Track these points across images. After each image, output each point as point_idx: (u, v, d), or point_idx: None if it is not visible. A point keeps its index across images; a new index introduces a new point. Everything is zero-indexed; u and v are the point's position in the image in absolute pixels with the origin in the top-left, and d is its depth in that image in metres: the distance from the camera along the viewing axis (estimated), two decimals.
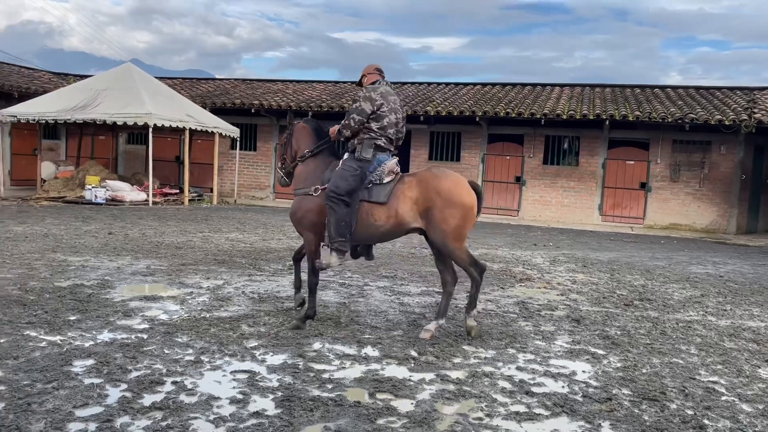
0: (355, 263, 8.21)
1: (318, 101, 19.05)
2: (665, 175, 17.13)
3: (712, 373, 4.30)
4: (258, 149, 20.46)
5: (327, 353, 4.30)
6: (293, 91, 21.03)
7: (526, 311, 5.95)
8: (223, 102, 19.59)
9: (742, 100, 17.39)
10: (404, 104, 18.08)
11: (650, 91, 19.40)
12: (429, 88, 21.49)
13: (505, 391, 3.76)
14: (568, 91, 19.94)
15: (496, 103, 18.11)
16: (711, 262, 10.50)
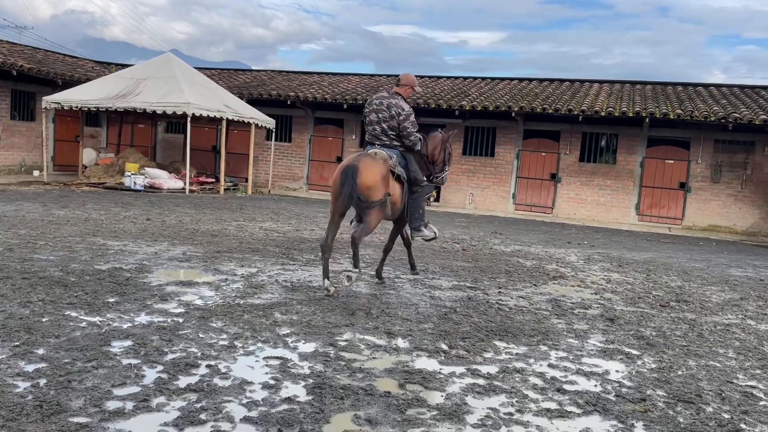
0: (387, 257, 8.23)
1: (353, 94, 19.10)
2: (706, 176, 16.72)
3: (750, 377, 4.20)
4: (293, 140, 20.62)
5: (358, 343, 4.33)
6: (329, 84, 21.12)
7: (559, 309, 5.89)
8: (259, 93, 19.78)
9: None
10: (439, 98, 18.07)
11: (692, 89, 18.93)
12: (465, 82, 21.34)
13: (537, 388, 3.73)
14: (607, 88, 19.59)
15: (533, 99, 17.90)
16: (751, 266, 10.22)
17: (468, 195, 18.84)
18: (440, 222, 13.80)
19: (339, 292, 5.78)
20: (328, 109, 19.81)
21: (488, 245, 10.30)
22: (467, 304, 5.75)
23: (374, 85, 20.81)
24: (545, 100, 17.63)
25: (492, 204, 18.57)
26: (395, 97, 6.23)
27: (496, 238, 11.42)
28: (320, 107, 19.88)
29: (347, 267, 6.40)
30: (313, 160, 20.39)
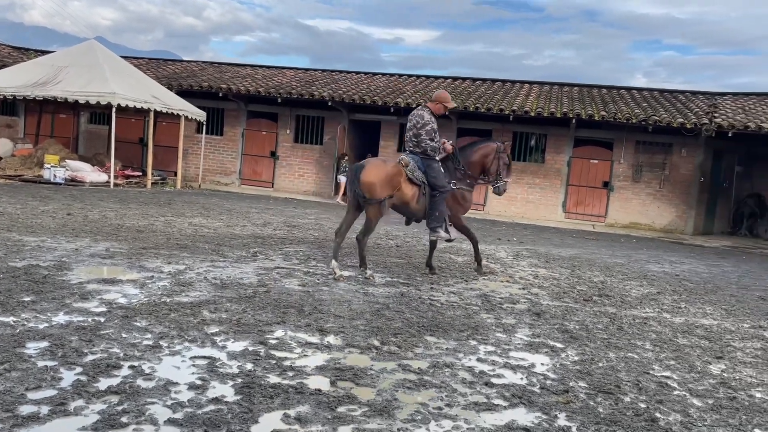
0: (321, 253, 8.19)
1: (288, 87, 18.87)
2: (627, 175, 17.51)
3: (665, 368, 4.42)
4: (225, 134, 20.17)
5: (289, 341, 4.28)
6: (262, 77, 20.77)
7: (488, 304, 6.02)
8: (189, 84, 19.24)
9: (704, 104, 17.86)
10: (375, 95, 18.11)
11: (616, 92, 19.76)
12: (400, 80, 21.47)
13: (465, 382, 3.80)
14: (537, 89, 20.18)
15: (466, 98, 18.22)
16: (668, 261, 10.79)
17: None
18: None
19: (342, 277, 6.53)
20: (261, 103, 19.48)
21: (422, 242, 10.41)
22: (400, 300, 5.79)
23: (309, 79, 20.63)
24: (478, 100, 17.98)
25: None
26: (423, 109, 6.99)
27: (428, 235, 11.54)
28: (253, 100, 19.52)
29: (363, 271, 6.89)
30: (246, 154, 20.01)
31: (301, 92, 18.38)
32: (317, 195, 19.23)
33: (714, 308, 6.77)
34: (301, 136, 19.76)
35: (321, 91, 18.38)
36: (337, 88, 19.02)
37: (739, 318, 6.36)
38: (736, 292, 8.04)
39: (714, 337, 5.44)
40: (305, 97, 18.21)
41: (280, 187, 19.66)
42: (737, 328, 5.89)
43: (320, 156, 19.49)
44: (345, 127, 18.95)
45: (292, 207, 14.74)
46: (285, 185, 19.70)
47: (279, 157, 19.76)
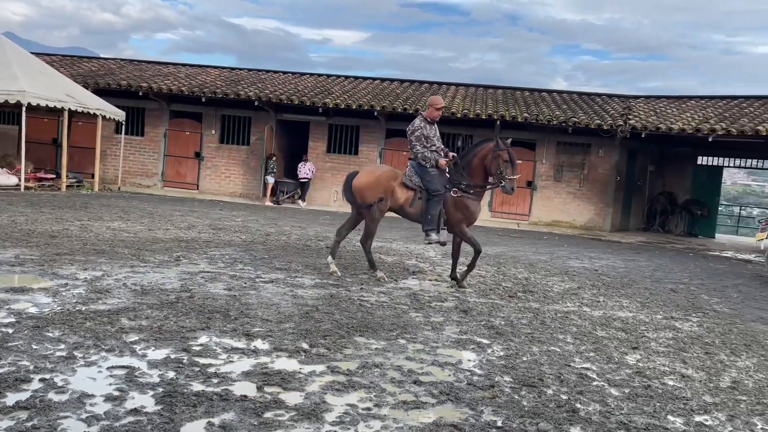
0: (249, 256, 8.02)
1: (212, 87, 18.39)
2: (549, 175, 18.13)
3: (585, 360, 4.59)
4: (146, 134, 19.44)
5: (214, 347, 4.16)
6: (185, 75, 20.15)
7: (417, 303, 6.07)
8: (107, 83, 18.42)
9: (619, 107, 18.73)
10: (303, 95, 17.95)
11: (538, 95, 20.42)
12: (328, 80, 21.36)
13: (394, 381, 3.81)
14: (463, 91, 20.57)
15: (394, 99, 18.35)
16: (588, 257, 11.24)
17: (333, 193, 18.91)
18: (304, 220, 13.73)
19: (337, 273, 6.98)
20: (185, 102, 18.90)
21: (351, 242, 10.38)
22: (329, 302, 5.74)
23: (235, 78, 20.20)
24: (406, 101, 18.15)
25: None
26: (418, 116, 7.15)
27: (359, 236, 11.53)
28: (176, 100, 18.91)
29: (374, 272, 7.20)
30: (169, 155, 19.35)
31: (226, 91, 17.96)
32: (245, 197, 18.86)
33: (630, 301, 7.11)
34: (227, 137, 19.31)
35: (247, 91, 18.03)
36: (264, 88, 18.72)
37: (652, 310, 6.70)
38: (650, 285, 8.47)
39: (630, 328, 5.70)
40: (230, 97, 17.81)
41: (206, 189, 19.15)
42: (651, 319, 6.21)
43: (247, 157, 19.12)
44: (272, 127, 18.67)
45: (218, 209, 14.38)
46: (211, 187, 19.20)
47: (204, 158, 19.24)
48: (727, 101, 18.42)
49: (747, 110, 16.93)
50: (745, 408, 3.83)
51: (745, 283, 9.61)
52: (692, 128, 15.80)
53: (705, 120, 16.31)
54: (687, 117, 16.82)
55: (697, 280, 9.37)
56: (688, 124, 16.03)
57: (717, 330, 5.91)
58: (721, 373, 4.52)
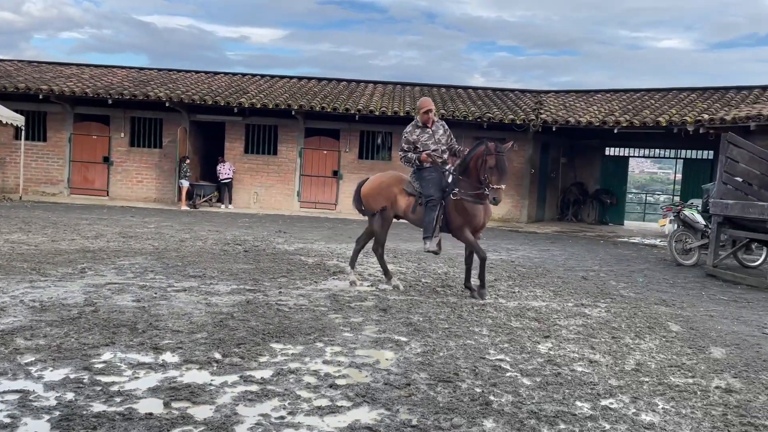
0: (161, 264, 7.71)
1: (119, 88, 17.57)
2: None
3: (499, 351, 4.69)
4: (49, 140, 18.35)
5: (118, 363, 3.94)
6: (90, 77, 19.16)
7: (337, 304, 6.01)
8: (3, 86, 17.22)
9: (531, 101, 19.37)
10: (217, 95, 17.47)
11: (454, 91, 20.81)
12: (243, 79, 20.91)
13: (310, 387, 3.74)
14: (381, 89, 20.66)
15: (312, 97, 18.18)
16: (505, 249, 11.55)
17: (252, 194, 18.54)
18: (222, 224, 13.37)
19: (355, 282, 6.97)
20: (90, 105, 17.97)
21: (272, 245, 10.21)
22: (246, 308, 5.59)
23: (144, 78, 19.39)
24: (324, 99, 18.03)
25: (277, 203, 18.50)
26: (412, 122, 7.00)
27: (280, 237, 11.37)
28: (81, 102, 17.94)
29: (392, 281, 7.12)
30: (75, 161, 18.34)
31: (134, 93, 17.20)
32: (159, 201, 18.16)
33: (543, 290, 7.34)
34: (138, 140, 18.53)
35: (157, 92, 17.35)
36: (176, 88, 18.08)
37: (564, 298, 6.95)
38: (562, 273, 8.80)
39: (543, 317, 5.88)
40: (139, 98, 17.08)
41: (117, 195, 18.30)
42: (563, 307, 6.43)
43: (160, 160, 18.41)
44: (186, 128, 18.07)
45: (129, 216, 13.76)
46: (122, 193, 18.36)
47: (113, 162, 18.37)
48: (631, 94, 19.42)
49: (648, 102, 17.92)
50: (647, 389, 4.02)
51: (651, 267, 10.16)
52: (599, 121, 16.56)
53: (611, 113, 17.14)
54: (594, 110, 17.61)
55: (607, 267, 9.82)
56: (595, 117, 16.79)
57: (623, 314, 6.19)
58: (626, 356, 4.73)
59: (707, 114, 14.87)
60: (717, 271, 9.21)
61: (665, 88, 19.36)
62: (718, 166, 9.50)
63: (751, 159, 8.98)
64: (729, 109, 15.06)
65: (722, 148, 9.26)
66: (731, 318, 6.33)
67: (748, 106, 14.92)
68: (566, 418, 3.45)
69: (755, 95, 16.68)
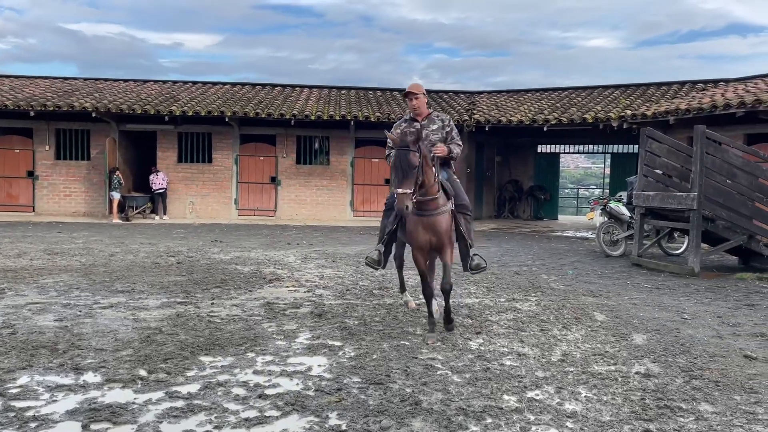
0: (87, 281, 7.42)
1: (42, 99, 16.84)
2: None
3: (431, 350, 4.74)
4: None
5: (36, 387, 3.77)
6: (10, 88, 18.29)
7: (271, 312, 5.95)
8: None
9: (465, 102, 19.73)
10: (146, 104, 16.99)
11: (389, 94, 20.94)
12: (175, 86, 20.44)
13: (239, 398, 3.68)
14: (317, 93, 20.59)
15: (246, 104, 17.94)
16: None
17: (188, 204, 18.11)
18: (156, 235, 13.00)
19: (413, 305, 6.17)
20: (11, 118, 17.15)
21: (206, 255, 10.00)
22: (175, 322, 5.46)
23: (69, 88, 18.66)
24: (258, 105, 17.81)
25: (214, 211, 18.14)
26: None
27: (216, 247, 11.15)
28: (1, 115, 17.10)
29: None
30: None
31: (58, 104, 16.52)
32: (89, 215, 17.50)
33: (477, 287, 7.47)
34: (64, 152, 17.81)
35: (82, 102, 16.73)
36: (102, 98, 17.48)
37: (497, 294, 7.10)
38: (496, 270, 8.98)
39: (475, 314, 5.99)
40: (64, 109, 16.42)
41: (43, 211, 17.53)
42: (495, 303, 6.56)
43: (89, 172, 17.75)
44: (115, 139, 17.48)
45: (56, 232, 13.20)
46: (49, 208, 17.60)
47: (38, 176, 17.59)
48: (560, 93, 20.05)
49: (576, 100, 18.54)
50: (572, 379, 4.15)
51: (581, 259, 10.50)
52: (529, 119, 17.01)
53: (540, 111, 17.64)
54: (525, 109, 18.08)
55: (539, 261, 10.09)
56: (525, 116, 17.24)
57: (552, 307, 6.37)
58: (553, 347, 4.87)
59: (630, 110, 15.51)
60: (642, 261, 9.61)
61: (591, 86, 20.08)
62: (639, 159, 9.92)
63: (669, 152, 9.41)
64: (650, 104, 15.76)
65: (642, 142, 9.67)
66: (653, 305, 6.62)
67: (667, 101, 15.65)
68: (493, 412, 3.52)
69: (674, 90, 17.53)
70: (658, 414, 3.55)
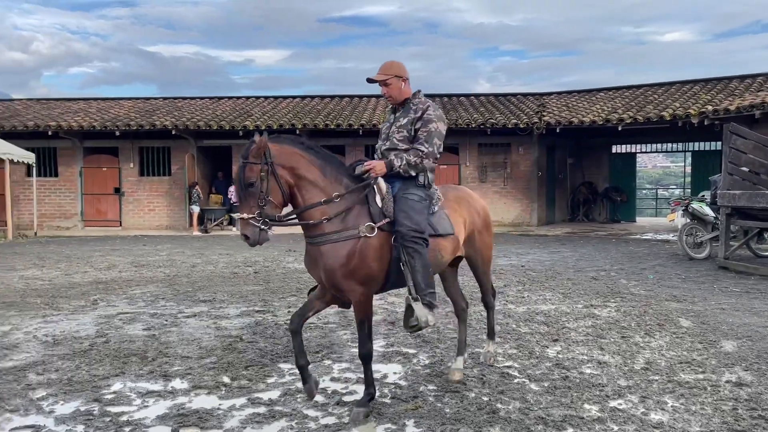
0: (171, 291, 7.77)
1: (126, 119, 17.82)
2: (474, 176, 18.51)
3: (507, 358, 4.68)
4: (60, 174, 18.61)
5: (128, 393, 3.99)
6: (97, 110, 19.46)
7: (345, 319, 6.03)
8: (13, 125, 17.54)
9: (534, 104, 19.37)
10: (222, 120, 17.66)
11: (456, 99, 20.86)
12: (248, 102, 21.13)
13: (317, 405, 3.76)
14: (384, 102, 20.75)
15: (316, 115, 18.32)
16: (515, 254, 11.51)
17: None
18: (233, 246, 13.45)
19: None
20: (99, 138, 18.23)
21: (281, 264, 10.26)
22: (254, 330, 5.63)
23: (150, 108, 19.65)
24: (327, 117, 18.15)
25: None
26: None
27: (290, 256, 11.42)
28: (89, 136, 18.22)
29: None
30: (87, 193, 18.59)
31: (141, 123, 17.44)
32: (171, 228, 18.32)
33: (553, 294, 7.31)
34: (147, 169, 18.75)
35: (163, 120, 17.58)
36: (181, 116, 18.30)
37: (574, 300, 6.92)
38: (572, 275, 8.75)
39: (552, 321, 5.86)
40: (146, 128, 17.31)
41: (130, 225, 18.50)
42: (572, 309, 6.40)
43: (170, 187, 18.60)
44: (193, 155, 18.26)
45: (141, 245, 13.90)
46: (134, 222, 18.56)
47: (124, 193, 18.59)
48: (634, 90, 19.34)
49: (652, 97, 17.82)
50: (657, 388, 3.99)
51: (662, 263, 10.07)
52: (602, 119, 16.49)
53: (614, 110, 17.07)
54: (597, 109, 17.55)
55: (618, 266, 9.75)
56: (598, 116, 16.72)
57: (633, 313, 6.15)
58: (635, 355, 4.70)
59: (711, 105, 14.77)
60: (729, 263, 9.12)
61: (668, 81, 19.26)
62: (723, 157, 9.43)
63: (755, 148, 8.90)
64: (733, 98, 14.95)
65: (725, 139, 9.19)
66: (743, 310, 6.27)
67: (752, 94, 14.81)
68: (574, 422, 3.43)
69: (759, 83, 16.55)
70: (752, 425, 3.37)
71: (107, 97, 21.95)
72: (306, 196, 3.61)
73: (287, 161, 3.58)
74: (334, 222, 3.60)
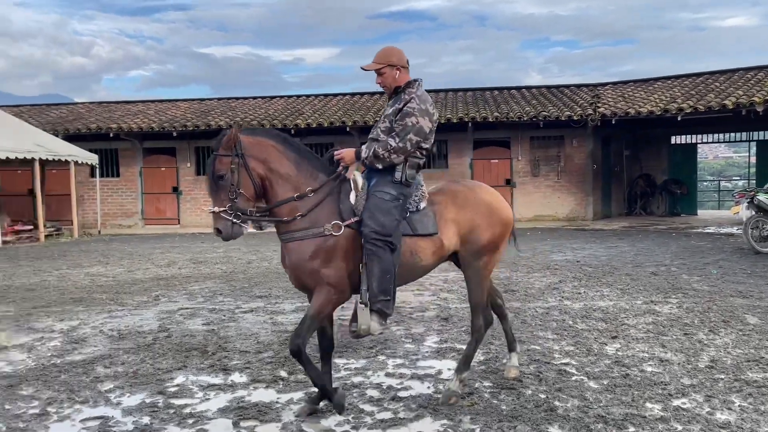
0: (229, 287, 7.96)
1: (183, 120, 18.36)
2: (527, 171, 18.22)
3: (564, 355, 4.59)
4: (122, 175, 19.34)
5: (190, 386, 4.12)
6: (155, 112, 20.12)
7: (398, 315, 6.05)
8: (77, 128, 18.33)
9: (588, 96, 18.89)
10: (274, 118, 17.96)
11: (507, 93, 20.57)
12: (298, 101, 21.42)
13: (373, 400, 3.79)
14: (434, 96, 20.67)
15: (366, 112, 18.41)
16: (570, 249, 11.28)
17: None
18: None
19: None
20: (157, 139, 18.86)
21: None
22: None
23: (205, 109, 20.18)
24: (377, 113, 18.20)
25: None
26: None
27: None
28: (148, 137, 18.86)
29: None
30: (147, 193, 19.25)
31: (197, 123, 17.93)
32: None
33: (611, 289, 7.13)
34: (203, 168, 19.25)
35: (218, 120, 18.02)
36: (235, 116, 18.72)
37: (632, 296, 6.73)
38: (631, 270, 8.51)
39: (610, 318, 5.71)
40: (202, 128, 17.78)
41: (187, 223, 19.05)
42: (631, 306, 6.23)
43: None
44: None
45: (199, 242, 14.30)
46: (192, 220, 19.10)
47: (182, 192, 19.17)
48: (693, 79, 18.64)
49: (713, 86, 17.13)
50: (722, 387, 3.84)
51: (726, 257, 9.68)
52: (660, 109, 15.94)
53: (672, 100, 16.48)
54: (655, 99, 16.99)
55: (678, 261, 9.43)
56: (656, 106, 16.18)
57: (696, 309, 5.94)
58: (699, 353, 4.54)
59: None
60: None
61: (730, 69, 18.48)
62: None
63: None
64: None
65: None
66: None
67: None
68: (636, 421, 3.35)
69: None
70: None
71: (164, 99, 22.65)
72: (278, 191, 3.52)
73: (259, 153, 3.48)
74: (304, 218, 3.49)
